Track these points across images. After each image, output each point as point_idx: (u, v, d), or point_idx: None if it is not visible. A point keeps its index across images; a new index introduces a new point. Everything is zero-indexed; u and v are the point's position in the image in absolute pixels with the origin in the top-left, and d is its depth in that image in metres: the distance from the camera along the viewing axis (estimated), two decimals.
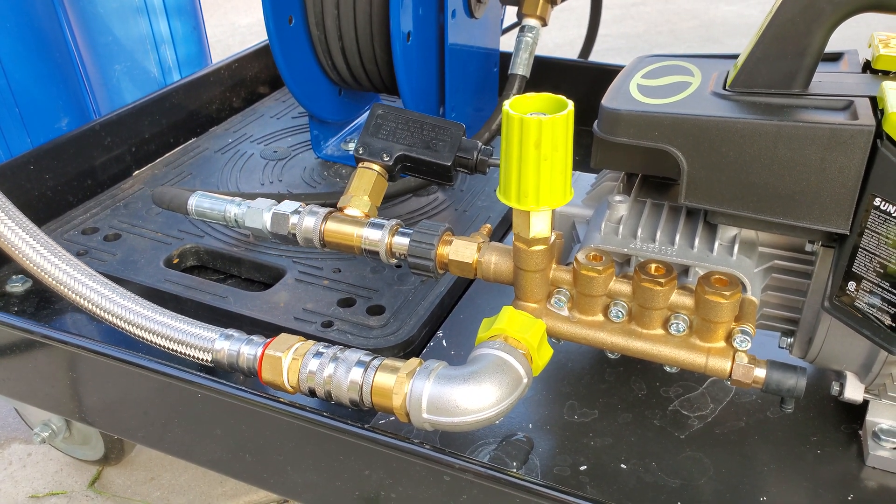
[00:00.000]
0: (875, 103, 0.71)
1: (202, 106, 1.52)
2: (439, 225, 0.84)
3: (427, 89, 1.24)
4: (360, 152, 0.91)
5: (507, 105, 0.68)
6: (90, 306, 0.85)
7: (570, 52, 1.77)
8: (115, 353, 0.84)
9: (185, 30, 1.61)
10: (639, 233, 0.80)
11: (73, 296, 0.85)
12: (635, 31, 3.31)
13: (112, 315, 0.84)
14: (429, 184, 1.23)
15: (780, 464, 0.81)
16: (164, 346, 0.83)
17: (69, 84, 1.42)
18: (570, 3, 1.44)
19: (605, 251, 0.79)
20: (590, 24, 1.66)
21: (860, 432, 0.84)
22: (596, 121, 0.79)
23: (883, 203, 0.67)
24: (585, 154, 0.83)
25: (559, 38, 3.24)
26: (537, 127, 0.66)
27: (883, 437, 0.81)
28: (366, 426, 0.74)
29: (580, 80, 1.52)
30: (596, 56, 1.73)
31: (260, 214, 0.91)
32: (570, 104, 0.69)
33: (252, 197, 0.96)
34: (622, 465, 0.81)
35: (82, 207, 1.26)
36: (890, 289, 0.69)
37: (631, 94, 0.78)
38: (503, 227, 1.23)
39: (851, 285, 0.72)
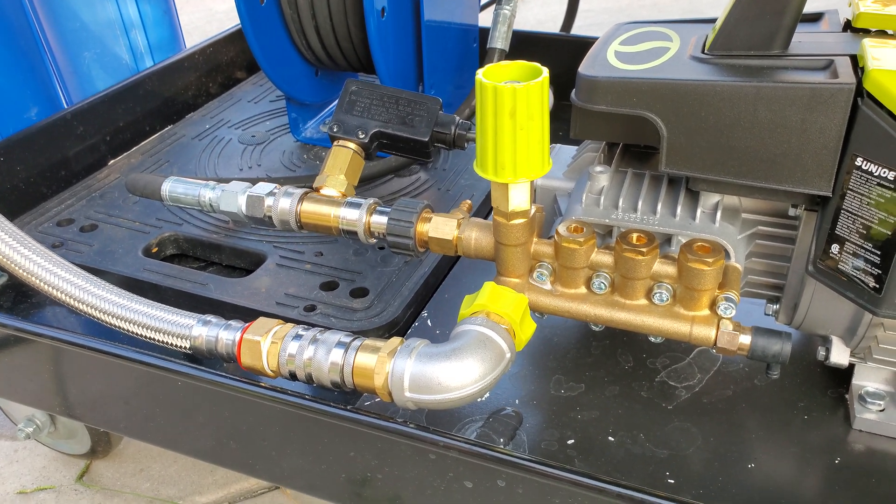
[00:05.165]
0: (856, 62, 0.70)
1: (178, 92, 1.49)
2: (418, 202, 0.83)
3: (404, 67, 1.22)
4: (335, 130, 0.89)
5: (480, 74, 0.67)
6: (64, 297, 0.83)
7: (553, 27, 1.75)
8: (92, 343, 0.82)
9: (156, 13, 1.58)
10: (620, 203, 0.79)
11: (47, 287, 0.83)
12: (618, 5, 3.28)
13: (86, 305, 0.82)
14: (410, 163, 1.21)
15: (768, 430, 0.81)
16: (141, 335, 0.82)
17: (37, 73, 1.38)
18: None
19: (586, 223, 0.77)
20: None
21: (847, 396, 0.84)
22: (574, 89, 0.77)
23: (865, 163, 0.66)
24: (568, 128, 0.81)
25: (541, 14, 3.21)
26: (511, 95, 0.65)
27: (869, 399, 0.81)
28: (348, 407, 0.73)
29: (561, 54, 1.50)
30: (577, 30, 1.71)
31: (235, 198, 0.89)
32: (545, 71, 0.67)
33: (227, 181, 0.94)
34: (610, 438, 0.81)
35: (57, 199, 1.23)
36: (873, 250, 0.68)
37: (608, 60, 0.76)
38: (487, 206, 1.21)
39: (835, 248, 0.71)
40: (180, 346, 0.80)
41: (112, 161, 1.35)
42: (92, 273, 0.86)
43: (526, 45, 1.50)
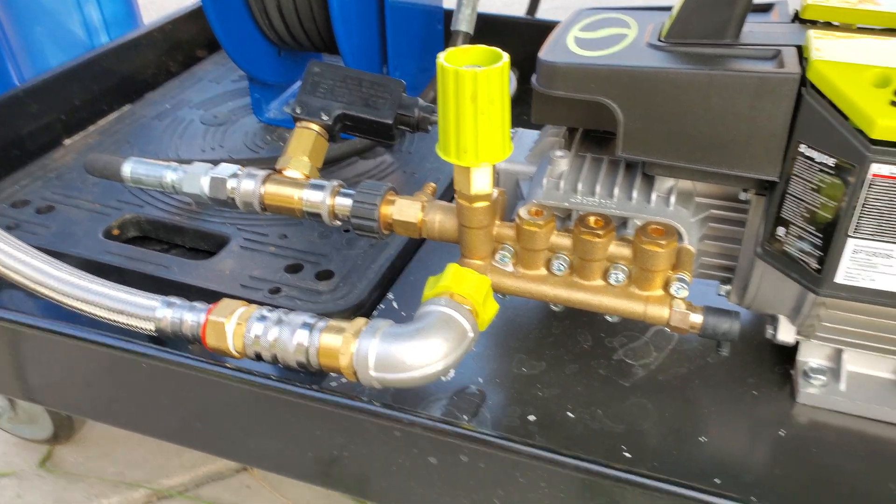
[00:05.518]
0: (801, 52, 0.72)
1: (136, 70, 1.46)
2: (382, 184, 0.84)
3: (368, 48, 1.22)
4: (298, 112, 0.89)
5: (441, 58, 0.68)
6: (22, 280, 0.82)
7: (519, 10, 1.76)
8: (54, 326, 0.82)
9: None
10: (579, 187, 0.81)
11: (3, 269, 0.82)
12: None
13: (47, 288, 0.82)
14: (374, 146, 1.21)
15: (720, 405, 0.85)
16: (105, 318, 0.82)
17: None
18: None
19: (546, 206, 0.80)
20: None
21: (792, 372, 0.87)
22: (534, 74, 0.79)
23: (808, 149, 0.69)
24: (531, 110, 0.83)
25: None
26: (472, 79, 0.66)
27: (812, 375, 0.84)
28: (313, 387, 0.74)
29: (526, 38, 1.50)
30: (544, 14, 1.72)
31: (197, 179, 0.89)
32: (506, 56, 0.69)
33: (189, 162, 0.94)
34: (569, 414, 0.83)
35: (10, 179, 1.21)
36: (815, 233, 0.71)
37: (568, 46, 0.78)
38: (452, 190, 1.23)
39: (781, 231, 0.74)
40: (145, 329, 0.80)
41: (68, 141, 1.32)
42: (50, 256, 0.85)
43: (491, 28, 1.50)
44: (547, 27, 1.49)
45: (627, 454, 0.79)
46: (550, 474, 0.69)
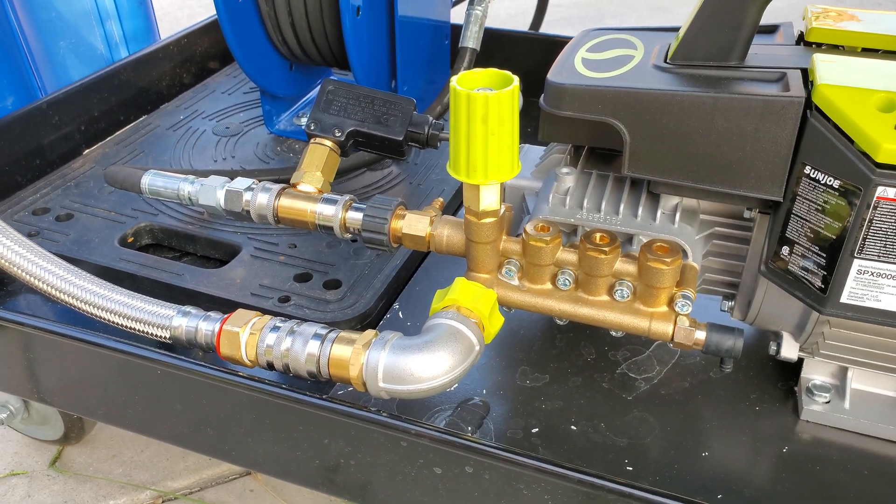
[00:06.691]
0: (806, 75, 0.74)
1: (152, 83, 1.49)
2: (392, 199, 0.86)
3: (378, 63, 1.24)
4: (312, 128, 0.92)
5: (454, 81, 0.70)
6: (45, 287, 0.84)
7: (523, 21, 1.78)
8: (74, 332, 0.84)
9: (131, 4, 1.58)
10: (585, 203, 0.82)
11: (27, 277, 0.84)
12: None
13: (68, 295, 0.84)
14: (382, 158, 1.23)
15: (722, 420, 0.85)
16: (121, 325, 0.84)
17: (13, 62, 1.38)
18: None
19: (552, 222, 0.81)
20: None
21: (795, 389, 0.88)
22: (542, 94, 0.80)
23: (812, 171, 0.70)
24: (537, 126, 0.84)
25: (512, 7, 3.23)
26: (484, 102, 0.68)
27: (816, 392, 0.85)
28: (324, 396, 0.76)
29: (531, 52, 1.53)
30: (547, 25, 1.74)
31: (213, 192, 0.91)
32: (516, 79, 0.70)
33: (205, 174, 0.96)
34: (572, 427, 0.84)
35: (32, 188, 1.23)
36: (819, 253, 0.72)
37: (576, 68, 0.79)
38: (457, 200, 1.24)
39: (785, 250, 0.76)
40: (160, 336, 0.82)
41: (87, 150, 1.35)
42: (68, 262, 0.87)
43: (497, 43, 1.52)
44: (550, 42, 1.53)
45: (630, 468, 0.80)
46: (554, 487, 0.70)
